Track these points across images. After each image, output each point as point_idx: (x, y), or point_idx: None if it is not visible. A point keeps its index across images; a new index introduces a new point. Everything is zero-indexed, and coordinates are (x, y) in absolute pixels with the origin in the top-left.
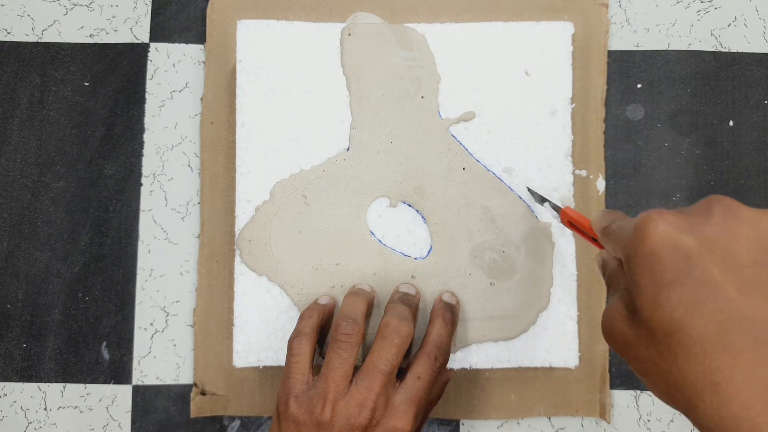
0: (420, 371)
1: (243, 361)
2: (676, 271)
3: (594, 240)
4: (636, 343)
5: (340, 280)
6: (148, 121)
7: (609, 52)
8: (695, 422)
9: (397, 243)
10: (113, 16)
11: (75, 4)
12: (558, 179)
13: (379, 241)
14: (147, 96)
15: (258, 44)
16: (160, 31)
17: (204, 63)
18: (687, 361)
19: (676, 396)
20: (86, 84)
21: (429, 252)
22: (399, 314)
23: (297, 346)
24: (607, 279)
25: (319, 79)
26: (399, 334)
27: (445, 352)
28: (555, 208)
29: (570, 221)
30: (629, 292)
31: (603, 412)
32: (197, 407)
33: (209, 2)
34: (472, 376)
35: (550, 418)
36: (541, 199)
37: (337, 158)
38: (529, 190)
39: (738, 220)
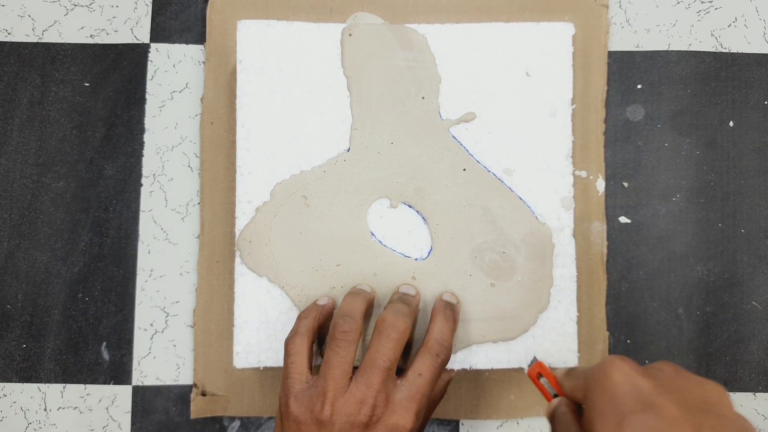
0: (421, 368)
1: (243, 361)
2: (636, 402)
3: (554, 396)
4: None
5: (340, 280)
6: (149, 121)
7: (609, 52)
8: None
9: (397, 244)
10: (113, 17)
11: (75, 5)
12: (558, 180)
13: (380, 242)
14: (147, 96)
15: (258, 44)
16: (161, 32)
17: (204, 63)
18: None
19: None
20: (86, 84)
21: (429, 253)
22: (395, 310)
23: (293, 346)
24: (557, 420)
25: (319, 79)
26: (396, 329)
27: (446, 349)
28: (532, 360)
29: (539, 373)
30: (588, 424)
31: None
32: (197, 408)
33: (209, 2)
34: (473, 376)
35: None
36: (533, 360)
37: (337, 159)
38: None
39: (686, 378)
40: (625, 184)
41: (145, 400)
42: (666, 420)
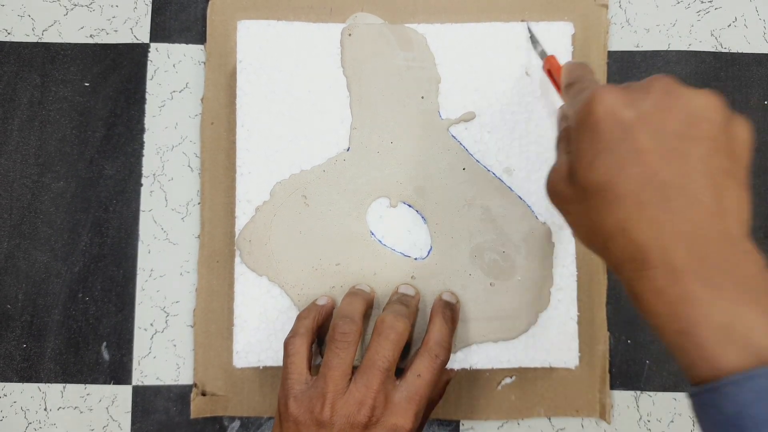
0: (420, 369)
1: (243, 361)
2: (611, 140)
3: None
4: (571, 199)
5: (340, 280)
6: (149, 121)
7: (609, 52)
8: (608, 260)
9: (397, 243)
10: (113, 17)
11: (75, 5)
12: None
13: (379, 241)
14: (147, 96)
15: (258, 44)
16: (161, 32)
17: (204, 63)
18: (607, 212)
19: (595, 241)
20: (86, 84)
21: (429, 252)
22: (395, 311)
23: (292, 346)
24: (560, 134)
25: (319, 79)
26: (395, 330)
27: (445, 350)
28: (542, 53)
29: (550, 69)
30: (572, 155)
31: (603, 412)
32: (197, 408)
33: (209, 2)
34: (473, 376)
35: (550, 419)
36: (534, 41)
37: (337, 158)
38: (529, 28)
39: (673, 96)
40: None
41: (145, 399)
42: (633, 154)
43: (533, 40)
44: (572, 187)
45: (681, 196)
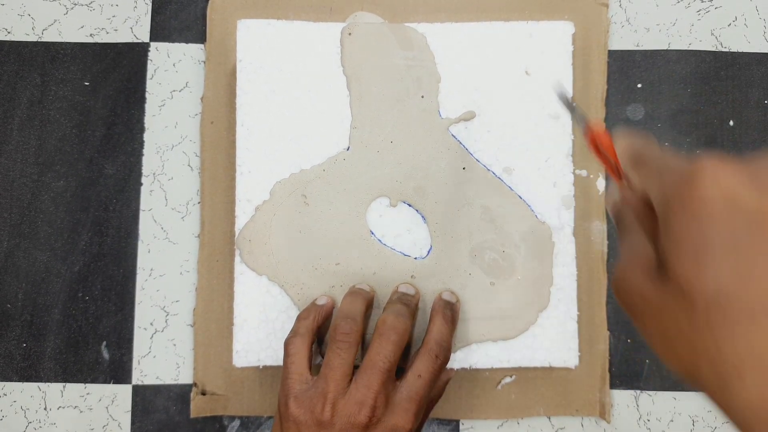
0: (421, 369)
1: (243, 360)
2: (733, 234)
3: (613, 169)
4: (659, 306)
5: (339, 279)
6: (148, 120)
7: (609, 51)
8: (723, 403)
9: (396, 243)
10: (113, 16)
11: (75, 4)
12: (558, 179)
13: (379, 240)
14: (147, 95)
15: (258, 44)
16: (161, 31)
17: (204, 62)
18: (731, 335)
19: (702, 372)
20: (86, 83)
21: (429, 252)
22: (395, 311)
23: (292, 346)
24: (621, 218)
25: (319, 78)
26: (396, 331)
27: (446, 350)
28: (581, 119)
29: (596, 142)
30: (663, 248)
31: (603, 411)
32: (197, 407)
33: (209, 2)
34: (472, 375)
35: (550, 418)
36: (570, 105)
37: (337, 158)
38: (559, 95)
39: None
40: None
41: (145, 399)
42: (766, 258)
43: (565, 102)
44: (661, 289)
45: None
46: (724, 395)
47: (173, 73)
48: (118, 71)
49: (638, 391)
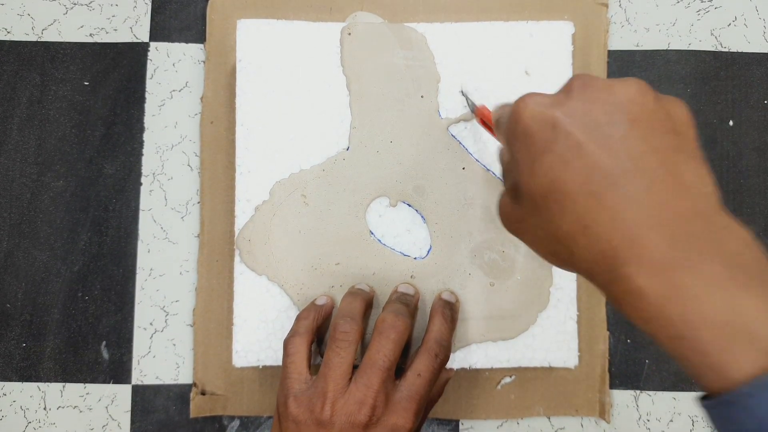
0: (420, 368)
1: (242, 360)
2: (545, 141)
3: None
4: (523, 216)
5: (339, 279)
6: (148, 120)
7: (609, 51)
8: (575, 266)
9: (396, 243)
10: (113, 16)
11: (75, 4)
12: None
13: (379, 240)
14: (147, 95)
15: (258, 44)
16: (160, 31)
17: (204, 62)
18: (561, 213)
19: (560, 252)
20: (86, 83)
21: (428, 252)
22: (395, 310)
23: (292, 346)
24: (503, 168)
25: (319, 78)
26: (395, 329)
27: (445, 349)
28: (472, 106)
29: (483, 119)
30: (512, 173)
31: (603, 411)
32: (197, 407)
33: (209, 1)
34: (472, 375)
35: (549, 418)
36: (465, 96)
37: (336, 158)
38: (462, 93)
39: (594, 89)
40: None
41: (144, 399)
42: (571, 149)
43: (464, 94)
44: (521, 205)
45: (633, 179)
46: (570, 261)
47: (173, 73)
48: (117, 71)
49: (638, 391)
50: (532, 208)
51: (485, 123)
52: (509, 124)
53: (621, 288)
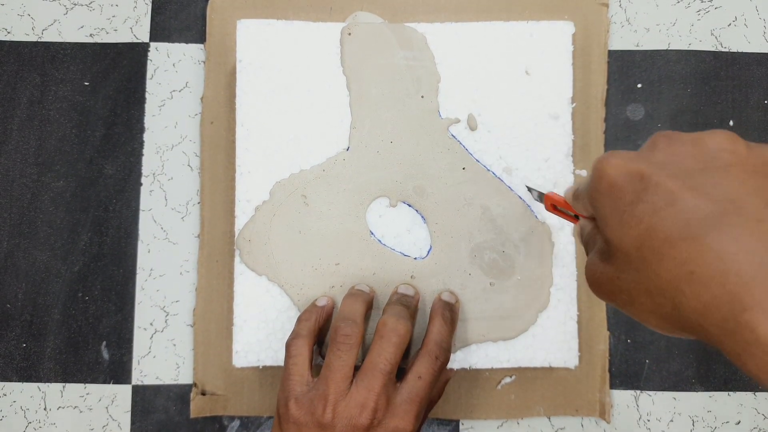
0: (421, 371)
1: (243, 360)
2: (634, 192)
3: (576, 218)
4: (617, 275)
5: (339, 280)
6: (148, 120)
7: (609, 51)
8: (681, 321)
9: (396, 243)
10: (113, 16)
11: (75, 4)
12: (558, 179)
13: (379, 241)
14: (147, 96)
15: (258, 44)
16: (160, 31)
17: (204, 62)
18: (660, 262)
19: (661, 304)
20: (86, 84)
21: (429, 252)
22: (396, 313)
23: (294, 348)
24: (584, 243)
25: (318, 78)
26: (397, 333)
27: (446, 351)
28: (540, 196)
29: (553, 204)
30: (601, 233)
31: (603, 411)
32: (197, 407)
33: (209, 2)
34: (472, 375)
35: (549, 418)
36: (539, 196)
37: (336, 158)
38: (528, 188)
39: (680, 142)
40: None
41: (144, 399)
42: (663, 197)
43: (537, 196)
44: (612, 264)
45: (738, 219)
46: (678, 315)
47: (173, 73)
48: (117, 71)
49: (638, 391)
50: (625, 263)
51: (556, 208)
52: (592, 184)
53: (743, 338)
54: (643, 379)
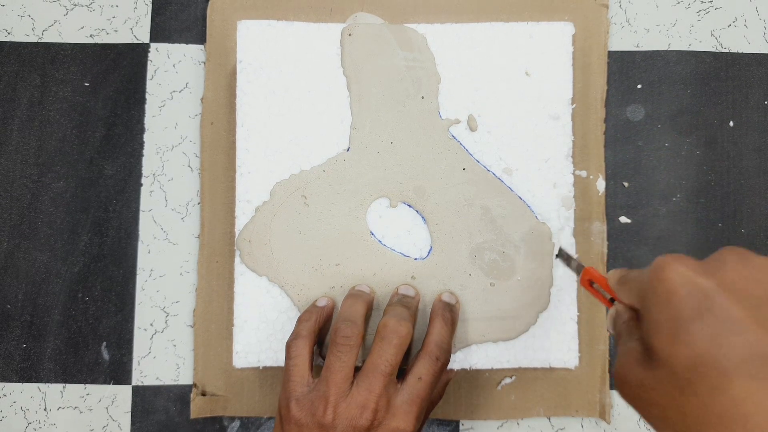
0: (421, 372)
1: (243, 361)
2: (695, 309)
3: (610, 301)
4: (653, 386)
5: (339, 280)
6: (148, 121)
7: (609, 52)
8: None
9: (397, 243)
10: (113, 17)
11: (75, 5)
12: (558, 180)
13: (379, 241)
14: (147, 96)
15: (258, 44)
16: (161, 32)
17: (204, 63)
18: (712, 393)
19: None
20: (86, 84)
21: (429, 252)
22: (397, 314)
23: (295, 348)
24: (618, 330)
25: (319, 79)
26: (398, 334)
27: (446, 352)
28: (578, 268)
29: (590, 280)
30: (645, 335)
31: (603, 412)
32: (197, 408)
33: (209, 2)
34: (472, 376)
35: (549, 419)
36: (577, 267)
37: (337, 159)
38: (561, 255)
39: (754, 267)
40: (626, 184)
41: (144, 400)
42: (727, 322)
43: (564, 255)
44: (652, 371)
45: None
46: None
47: (173, 74)
48: (118, 72)
49: None
50: (670, 379)
51: (591, 284)
52: (651, 283)
53: None
54: None
